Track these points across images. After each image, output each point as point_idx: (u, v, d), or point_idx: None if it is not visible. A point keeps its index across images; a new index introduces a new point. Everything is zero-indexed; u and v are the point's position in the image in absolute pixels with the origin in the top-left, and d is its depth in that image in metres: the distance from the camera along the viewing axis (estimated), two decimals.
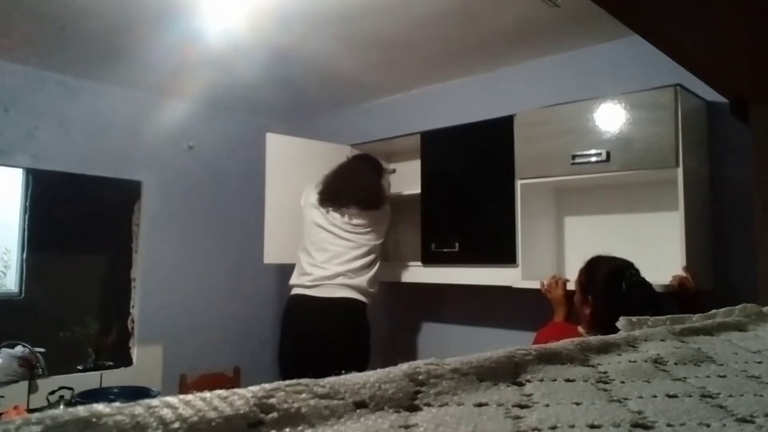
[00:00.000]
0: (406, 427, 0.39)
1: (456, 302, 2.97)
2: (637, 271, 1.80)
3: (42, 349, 2.69)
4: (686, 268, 1.92)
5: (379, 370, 0.46)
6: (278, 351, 2.66)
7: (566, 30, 2.36)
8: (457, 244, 2.55)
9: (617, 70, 2.42)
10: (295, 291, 2.62)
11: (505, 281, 2.35)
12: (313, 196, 2.67)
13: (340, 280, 2.54)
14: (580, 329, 1.87)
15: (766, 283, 1.89)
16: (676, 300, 1.90)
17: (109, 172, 3.08)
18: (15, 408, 2.32)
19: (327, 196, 2.62)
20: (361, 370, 0.49)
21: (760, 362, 0.67)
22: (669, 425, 0.42)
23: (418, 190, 2.77)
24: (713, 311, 1.01)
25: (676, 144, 1.95)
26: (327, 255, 2.58)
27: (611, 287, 1.76)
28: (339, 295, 2.52)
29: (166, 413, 0.32)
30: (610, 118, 2.10)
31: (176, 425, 0.32)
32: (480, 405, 0.45)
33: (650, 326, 0.85)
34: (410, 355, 3.08)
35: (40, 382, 2.61)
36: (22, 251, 3.04)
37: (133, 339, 3.16)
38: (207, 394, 0.35)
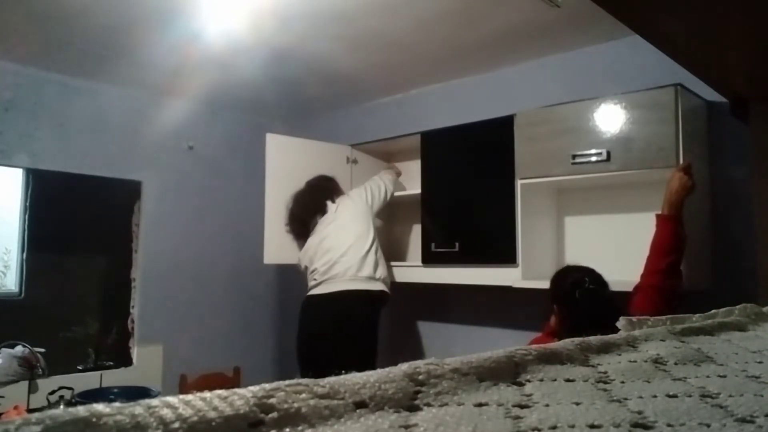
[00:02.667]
0: (406, 427, 0.39)
1: (456, 302, 2.97)
2: (594, 280, 1.82)
3: (42, 349, 2.69)
4: None
5: (379, 370, 0.46)
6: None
7: (566, 30, 2.36)
8: (457, 244, 2.55)
9: (617, 70, 2.41)
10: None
11: (506, 281, 2.35)
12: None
13: (337, 273, 2.61)
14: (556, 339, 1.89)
15: (766, 283, 1.89)
16: None
17: (109, 172, 3.08)
18: (15, 408, 2.32)
19: (298, 230, 2.84)
20: (352, 363, 0.48)
21: (760, 362, 0.67)
22: (669, 425, 0.42)
23: (418, 190, 2.77)
24: (713, 311, 1.00)
25: (676, 144, 1.95)
26: (325, 258, 2.66)
27: (570, 297, 1.82)
28: (336, 289, 2.59)
29: (166, 413, 0.32)
30: (611, 117, 2.10)
31: (176, 425, 0.32)
32: (480, 405, 0.45)
33: (650, 326, 0.84)
34: (410, 355, 3.08)
35: (40, 382, 2.61)
36: (22, 251, 3.04)
37: (133, 339, 3.15)
38: (207, 394, 0.35)
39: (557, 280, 1.92)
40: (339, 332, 2.52)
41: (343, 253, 2.62)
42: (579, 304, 1.79)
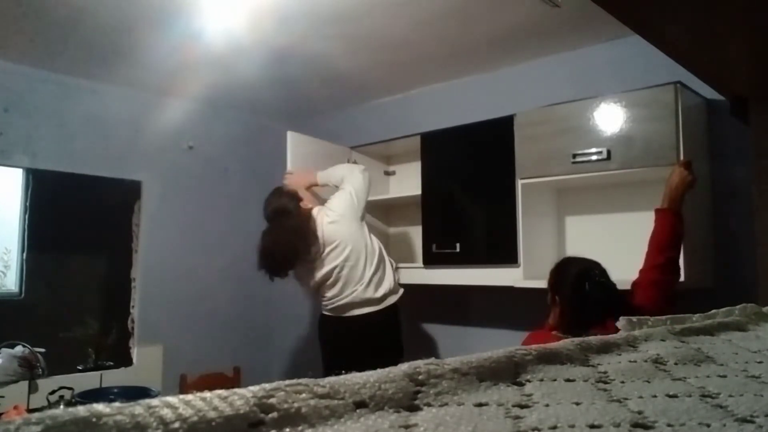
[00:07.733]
0: (406, 427, 0.39)
1: (457, 302, 2.96)
2: (602, 272, 1.79)
3: (42, 349, 2.69)
4: None
5: (379, 370, 0.46)
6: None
7: (566, 30, 2.36)
8: (457, 245, 2.55)
9: (617, 69, 2.41)
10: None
11: (507, 281, 2.35)
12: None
13: (346, 300, 2.53)
14: (554, 333, 1.81)
15: (766, 283, 1.89)
16: None
17: (109, 172, 3.08)
18: (15, 408, 2.32)
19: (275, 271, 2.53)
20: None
21: (760, 362, 0.67)
22: (669, 425, 0.42)
23: (418, 192, 2.77)
24: (713, 311, 1.00)
25: (676, 142, 1.95)
26: (329, 286, 2.55)
27: (577, 287, 1.75)
28: (349, 314, 2.53)
29: (166, 413, 0.32)
30: (611, 116, 2.10)
31: (176, 425, 0.32)
32: (480, 405, 0.45)
33: (650, 326, 0.84)
34: (410, 355, 3.08)
35: (40, 382, 2.61)
36: (22, 251, 3.04)
37: (133, 339, 3.15)
38: (207, 394, 0.35)
39: (560, 269, 1.85)
40: (364, 352, 2.41)
41: (347, 276, 2.51)
42: (589, 296, 1.71)
